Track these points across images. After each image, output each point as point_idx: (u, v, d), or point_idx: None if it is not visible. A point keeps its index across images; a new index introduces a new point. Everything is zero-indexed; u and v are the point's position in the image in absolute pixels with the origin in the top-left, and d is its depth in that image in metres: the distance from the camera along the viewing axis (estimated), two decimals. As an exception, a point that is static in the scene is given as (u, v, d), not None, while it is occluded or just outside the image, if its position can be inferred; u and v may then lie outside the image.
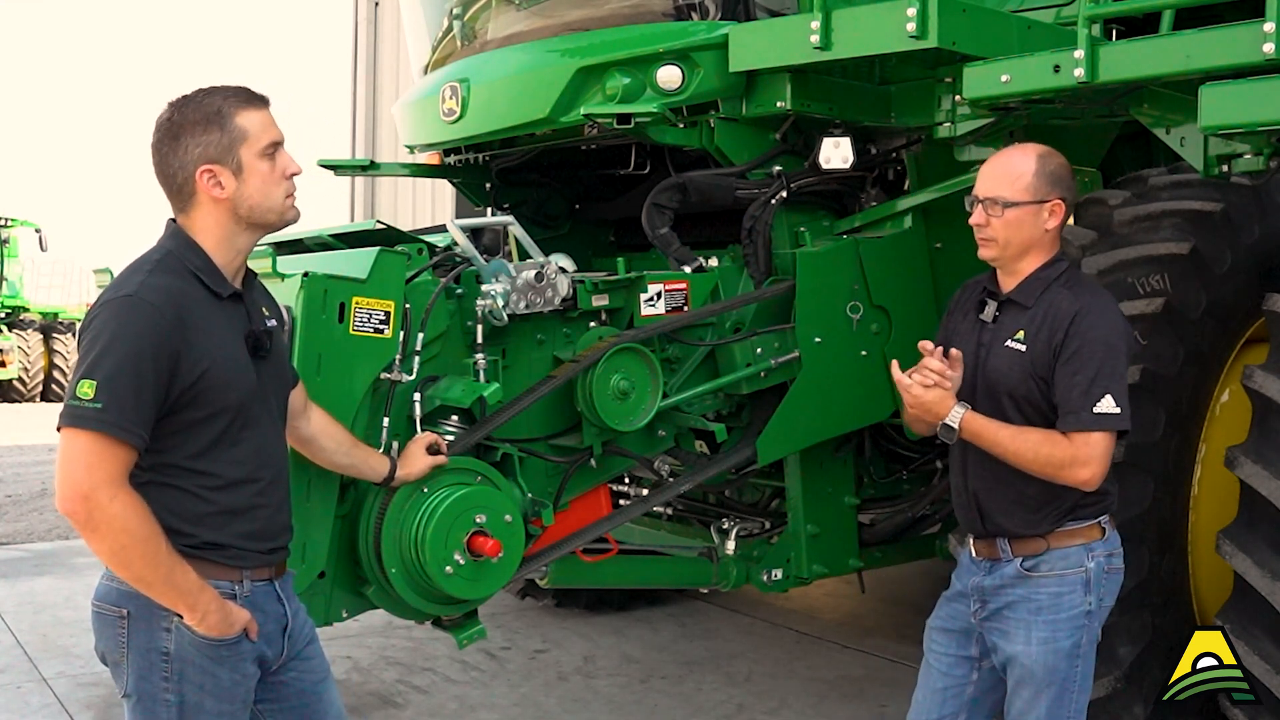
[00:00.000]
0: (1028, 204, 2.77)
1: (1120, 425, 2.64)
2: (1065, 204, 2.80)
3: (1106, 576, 2.78)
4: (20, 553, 7.89)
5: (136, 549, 2.14)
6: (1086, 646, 2.75)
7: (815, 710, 4.76)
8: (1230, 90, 2.96)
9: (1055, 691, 2.75)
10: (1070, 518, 2.75)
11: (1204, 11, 3.29)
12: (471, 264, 3.37)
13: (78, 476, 2.10)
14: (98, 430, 2.09)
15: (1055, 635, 2.73)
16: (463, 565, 3.04)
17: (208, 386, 2.21)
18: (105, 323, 2.15)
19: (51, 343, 20.97)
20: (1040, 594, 2.75)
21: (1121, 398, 2.64)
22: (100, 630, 2.34)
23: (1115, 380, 2.65)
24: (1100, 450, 2.64)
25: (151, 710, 2.28)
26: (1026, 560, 2.77)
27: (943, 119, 3.91)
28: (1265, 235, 3.83)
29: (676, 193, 3.94)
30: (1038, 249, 2.80)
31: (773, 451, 3.87)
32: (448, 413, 3.26)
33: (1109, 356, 2.66)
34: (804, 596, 6.41)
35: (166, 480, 2.23)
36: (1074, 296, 2.74)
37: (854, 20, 3.52)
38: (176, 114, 2.29)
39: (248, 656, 2.34)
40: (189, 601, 2.21)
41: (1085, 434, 2.64)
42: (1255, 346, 3.84)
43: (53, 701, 4.87)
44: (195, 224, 2.31)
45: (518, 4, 4.40)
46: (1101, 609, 2.78)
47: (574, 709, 4.81)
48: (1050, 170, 2.81)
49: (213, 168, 2.27)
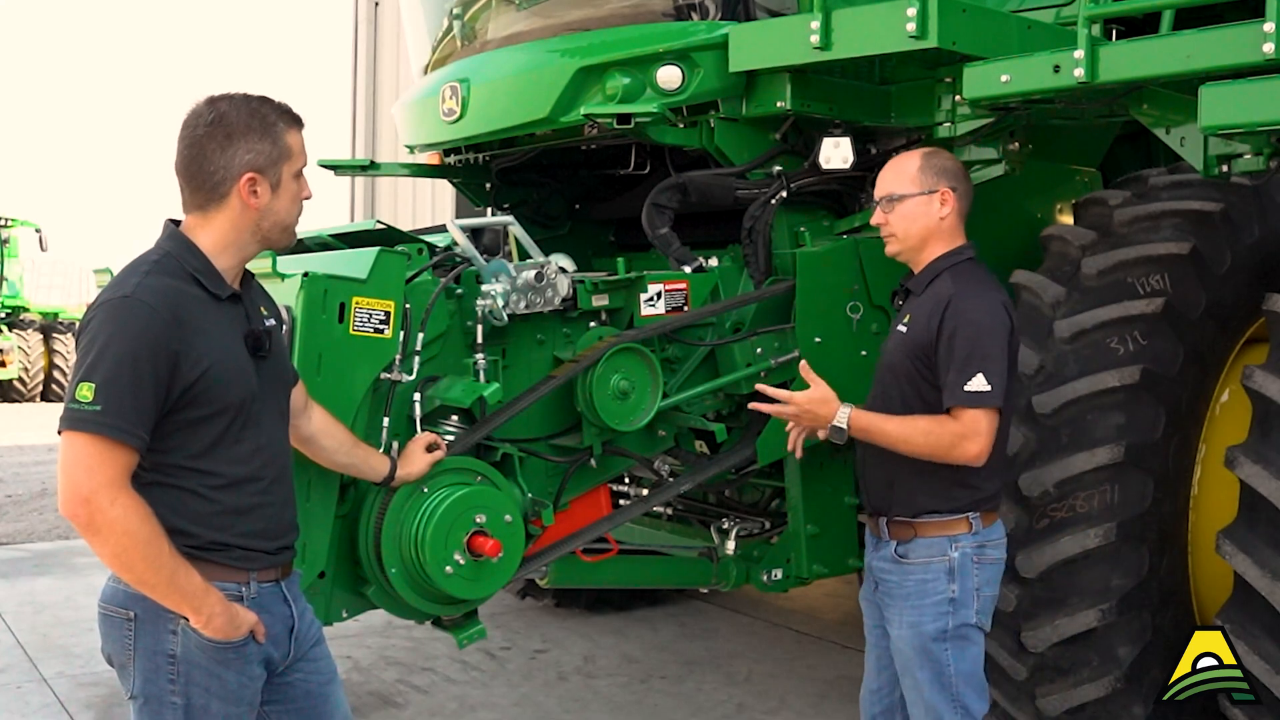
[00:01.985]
0: (916, 195, 2.98)
1: (989, 403, 2.79)
2: (955, 193, 2.98)
3: (977, 566, 2.92)
4: (20, 553, 7.89)
5: (138, 551, 2.14)
6: (954, 631, 2.89)
7: (815, 710, 4.76)
8: (1230, 90, 2.97)
9: (930, 675, 2.92)
10: (933, 511, 2.92)
11: (1204, 11, 3.29)
12: (471, 264, 3.37)
13: (78, 479, 2.10)
14: (97, 433, 2.09)
15: (920, 620, 2.92)
16: (463, 565, 3.04)
17: (208, 385, 2.20)
18: (102, 324, 2.15)
19: (51, 343, 20.98)
20: (909, 580, 2.95)
21: (994, 376, 2.79)
22: (106, 632, 2.34)
23: (988, 360, 2.80)
24: (980, 426, 2.79)
25: (158, 712, 2.28)
26: (900, 545, 2.97)
27: (943, 119, 3.91)
28: (1265, 235, 3.84)
29: (676, 193, 3.94)
30: (936, 239, 2.99)
31: (773, 451, 3.87)
32: (448, 413, 3.26)
33: (981, 337, 2.82)
34: (804, 596, 6.41)
35: (170, 480, 2.23)
36: (954, 282, 2.92)
37: (854, 20, 3.52)
38: (230, 115, 2.28)
39: (254, 659, 2.34)
40: (194, 604, 2.21)
41: (963, 410, 2.81)
42: (1255, 346, 3.85)
43: (53, 701, 4.87)
44: (211, 224, 2.30)
45: (518, 4, 4.40)
46: (972, 596, 2.91)
47: (574, 709, 4.81)
48: (936, 164, 3.00)
49: (256, 176, 2.28)
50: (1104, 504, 3.46)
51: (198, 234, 2.31)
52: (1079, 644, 3.49)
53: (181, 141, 2.31)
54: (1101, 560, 3.46)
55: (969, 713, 2.93)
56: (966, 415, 2.81)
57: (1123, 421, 3.48)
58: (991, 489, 2.96)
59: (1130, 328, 3.55)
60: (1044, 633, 3.49)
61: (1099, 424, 3.49)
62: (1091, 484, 3.46)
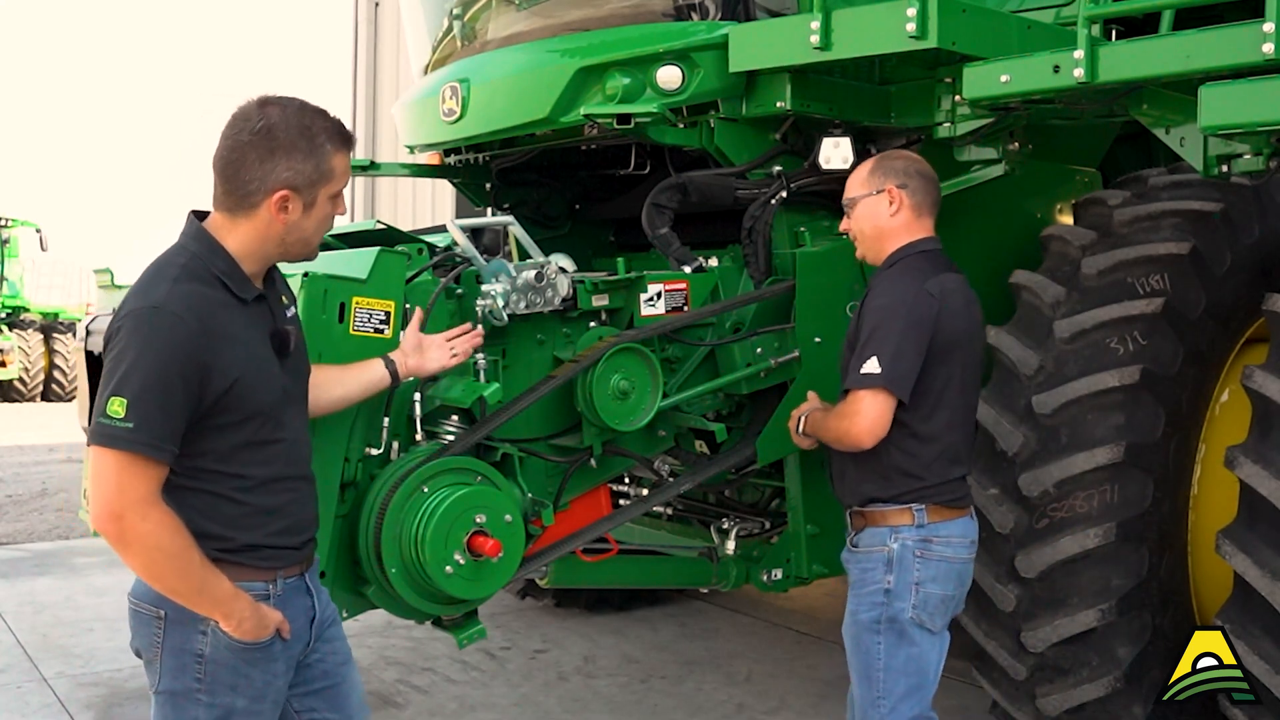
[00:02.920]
0: (865, 195, 3.05)
1: (873, 383, 2.81)
2: (904, 190, 3.01)
3: (918, 561, 2.89)
4: (20, 553, 7.89)
5: (169, 565, 2.16)
6: (887, 625, 2.90)
7: (815, 710, 4.76)
8: (1230, 90, 2.97)
9: (859, 664, 2.97)
10: (875, 498, 2.94)
11: (1204, 11, 3.29)
12: (471, 264, 3.37)
13: (110, 496, 2.11)
14: (129, 450, 2.09)
15: (858, 608, 2.97)
16: (463, 565, 3.04)
17: (239, 394, 2.20)
18: (131, 336, 2.13)
19: (52, 343, 20.98)
20: (854, 569, 3.01)
21: (887, 359, 2.81)
22: (136, 627, 2.34)
23: (884, 344, 2.83)
24: (863, 405, 2.84)
25: (182, 708, 2.29)
26: (855, 535, 3.02)
27: (943, 119, 3.91)
28: (1265, 235, 3.84)
29: (676, 193, 3.94)
30: (889, 238, 3.03)
31: (772, 451, 3.87)
32: (448, 413, 3.26)
33: (882, 321, 2.85)
34: (804, 596, 6.41)
35: (200, 485, 2.23)
36: (883, 274, 3.00)
37: (854, 20, 3.52)
38: (279, 127, 2.24)
39: (279, 656, 2.36)
40: (223, 610, 2.23)
41: (853, 392, 2.87)
42: (1255, 346, 3.85)
43: (53, 701, 4.87)
44: (237, 228, 2.27)
45: (518, 4, 4.40)
46: (909, 590, 2.89)
47: (574, 709, 4.81)
48: (884, 165, 3.06)
49: (290, 195, 2.25)
50: (1104, 504, 3.46)
51: (224, 236, 2.28)
52: (1079, 644, 3.49)
53: (224, 139, 2.27)
54: (1101, 560, 3.46)
55: (896, 711, 2.90)
56: (852, 395, 2.87)
57: (1122, 421, 3.48)
58: (934, 479, 2.92)
59: (1130, 328, 3.55)
60: (1044, 633, 3.49)
61: (1099, 424, 3.49)
62: (1091, 484, 3.46)
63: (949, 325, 2.89)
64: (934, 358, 2.87)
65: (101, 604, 6.41)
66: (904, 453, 2.90)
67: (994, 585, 3.57)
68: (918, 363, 2.85)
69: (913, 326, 2.84)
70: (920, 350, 2.85)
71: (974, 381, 3.05)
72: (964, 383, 2.96)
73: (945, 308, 2.89)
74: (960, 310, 2.94)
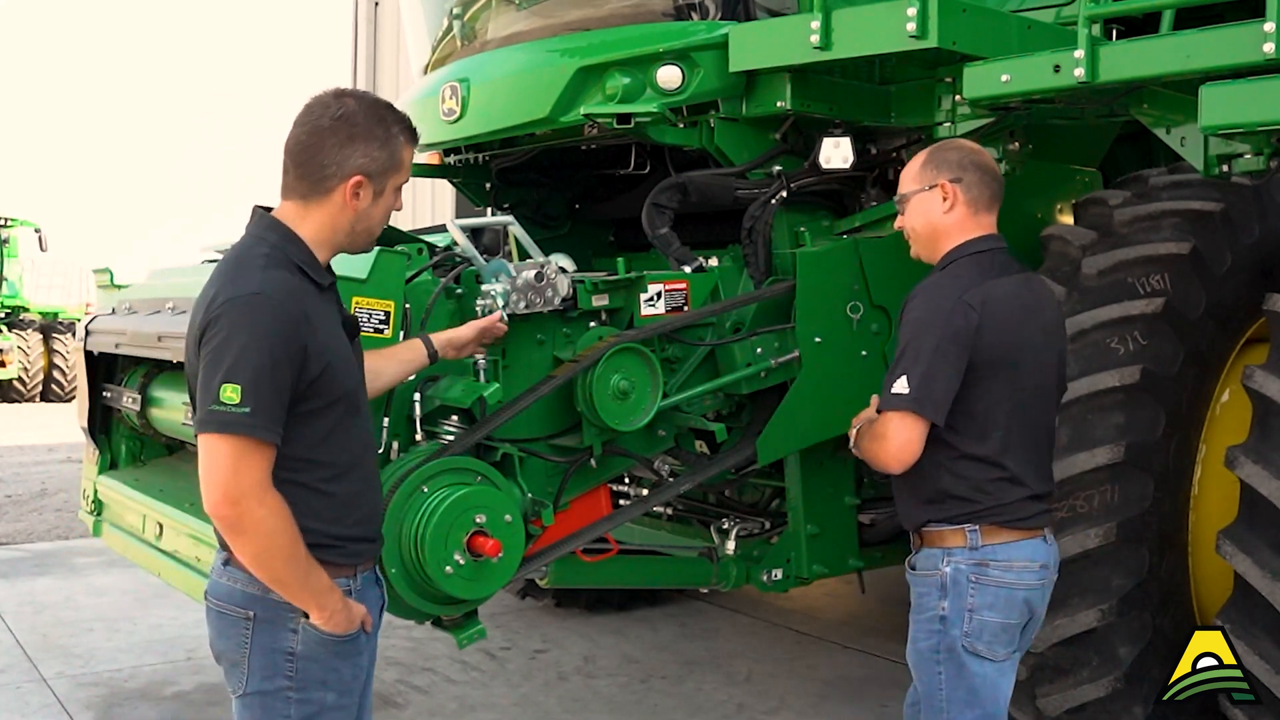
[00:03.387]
0: (917, 192, 2.81)
1: (900, 405, 2.61)
2: (959, 185, 2.77)
3: (972, 586, 2.68)
4: (20, 553, 7.89)
5: (281, 552, 2.17)
6: (945, 655, 2.69)
7: (815, 710, 4.76)
8: (1230, 90, 2.97)
9: (926, 694, 2.77)
10: (929, 518, 2.74)
11: (1204, 11, 3.30)
12: (471, 264, 3.37)
13: (227, 481, 2.11)
14: (247, 434, 2.11)
15: (917, 635, 2.77)
16: (463, 565, 3.04)
17: (330, 378, 2.23)
18: (236, 323, 2.14)
19: (51, 343, 20.98)
20: (912, 593, 2.81)
21: (916, 379, 2.60)
22: (221, 629, 2.33)
23: (916, 362, 2.62)
24: (890, 429, 2.64)
25: (271, 708, 2.29)
26: (912, 557, 2.83)
27: (943, 119, 3.92)
28: (1265, 235, 3.84)
29: (676, 193, 3.94)
30: (944, 236, 2.81)
31: (773, 451, 3.87)
32: (448, 413, 3.26)
33: (915, 338, 2.65)
34: (804, 596, 6.41)
35: (291, 476, 2.23)
36: (926, 281, 2.77)
37: (854, 20, 3.52)
38: (358, 115, 2.29)
39: (364, 649, 2.38)
40: (320, 601, 2.24)
41: (883, 414, 2.67)
42: (1255, 346, 3.85)
43: (53, 701, 4.87)
44: (309, 216, 2.30)
45: (518, 4, 4.40)
46: (963, 616, 2.68)
47: (574, 709, 4.81)
48: (938, 157, 2.82)
49: (364, 181, 2.29)
50: (1104, 504, 3.46)
51: (298, 226, 2.31)
52: (1079, 644, 3.49)
53: (300, 127, 2.30)
54: (1101, 560, 3.46)
55: None
56: (882, 417, 2.68)
57: (1123, 421, 3.48)
58: (990, 502, 2.68)
59: (1130, 328, 3.55)
60: (1044, 633, 3.49)
61: (1099, 424, 3.49)
62: (1091, 484, 3.46)
63: (991, 340, 2.65)
64: (976, 375, 2.64)
65: (101, 604, 6.41)
66: (956, 476, 2.68)
67: (994, 585, 3.57)
68: (955, 382, 2.62)
69: (948, 342, 2.62)
70: (958, 368, 2.62)
71: (1037, 397, 2.77)
72: (1019, 401, 2.70)
73: (987, 320, 2.64)
74: (1008, 322, 2.69)
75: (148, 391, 4.16)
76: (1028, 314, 2.75)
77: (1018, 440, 2.71)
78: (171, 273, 4.39)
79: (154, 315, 3.85)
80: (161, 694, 4.97)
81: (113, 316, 4.26)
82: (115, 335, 4.10)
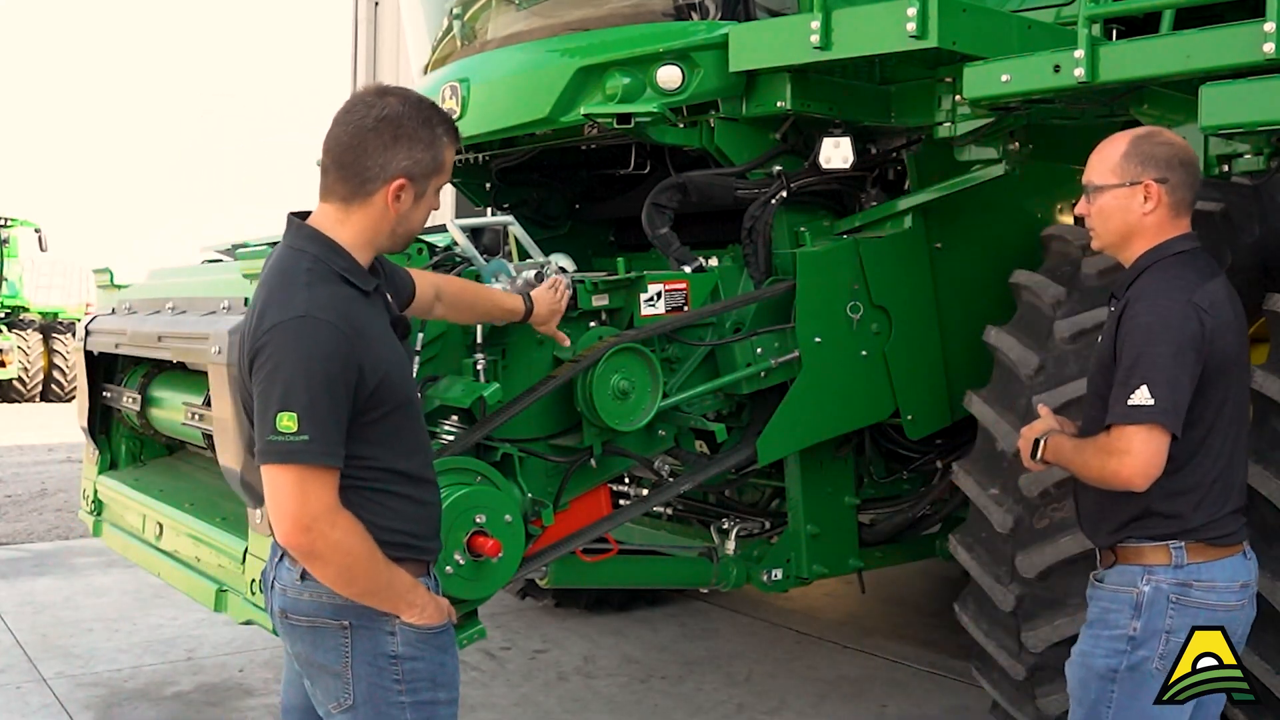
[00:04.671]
0: (1115, 187, 2.59)
1: (1147, 419, 2.43)
2: (1164, 185, 2.56)
3: (1173, 608, 2.53)
4: (20, 553, 7.89)
5: (361, 568, 2.16)
6: (1125, 674, 2.56)
7: (815, 710, 4.76)
8: (1230, 90, 2.97)
9: (1084, 713, 2.65)
10: (1129, 535, 2.59)
11: (1204, 11, 3.30)
12: (471, 264, 3.37)
13: (296, 511, 2.09)
14: (310, 463, 2.08)
15: (1092, 650, 2.62)
16: (463, 565, 3.04)
17: (390, 386, 2.21)
18: (286, 348, 2.10)
19: (51, 343, 20.98)
20: (1095, 607, 2.65)
21: (1161, 389, 2.43)
22: (316, 643, 2.28)
23: (1155, 370, 2.44)
24: (1135, 444, 2.45)
25: (384, 713, 2.27)
26: (1098, 572, 2.67)
27: (943, 119, 3.92)
28: (1265, 235, 3.83)
29: (676, 193, 3.94)
30: (1140, 237, 2.61)
31: (773, 451, 3.87)
32: (448, 413, 3.26)
33: (1150, 344, 2.47)
34: (804, 596, 6.41)
35: (365, 483, 2.22)
36: (1143, 283, 2.56)
37: (854, 20, 3.52)
38: (403, 116, 2.24)
39: (454, 640, 2.41)
40: (408, 599, 2.24)
41: (1120, 428, 2.48)
42: (1255, 346, 3.84)
43: (52, 701, 4.86)
44: (350, 219, 2.25)
45: (518, 4, 4.40)
46: (1158, 639, 2.55)
47: (574, 709, 4.81)
48: (1143, 150, 2.58)
49: (407, 184, 2.25)
50: (1105, 504, 3.44)
51: (336, 229, 2.25)
52: (1079, 644, 3.48)
53: (342, 126, 2.24)
54: (1102, 560, 3.45)
55: None
56: (1119, 431, 2.47)
57: (1123, 421, 3.47)
58: (1200, 519, 2.54)
59: (1131, 328, 3.53)
60: (1044, 633, 3.49)
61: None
62: (1092, 484, 3.45)
63: (1222, 344, 2.52)
64: (1205, 382, 2.50)
65: (101, 604, 6.41)
66: (1167, 492, 2.52)
67: (994, 585, 3.57)
68: (1191, 391, 2.48)
69: (1185, 349, 2.46)
70: (1193, 376, 2.48)
71: (1245, 400, 2.66)
72: (1238, 405, 2.60)
73: (1218, 324, 2.51)
74: (1232, 324, 2.57)
75: (148, 391, 4.17)
76: (1240, 316, 2.63)
77: (1231, 449, 2.59)
78: (171, 273, 4.39)
79: (154, 315, 3.85)
80: (161, 694, 4.97)
81: (113, 316, 4.26)
82: (115, 335, 4.10)
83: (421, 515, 2.33)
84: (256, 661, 5.37)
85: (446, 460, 3.11)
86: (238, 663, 5.35)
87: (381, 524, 2.22)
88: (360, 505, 2.19)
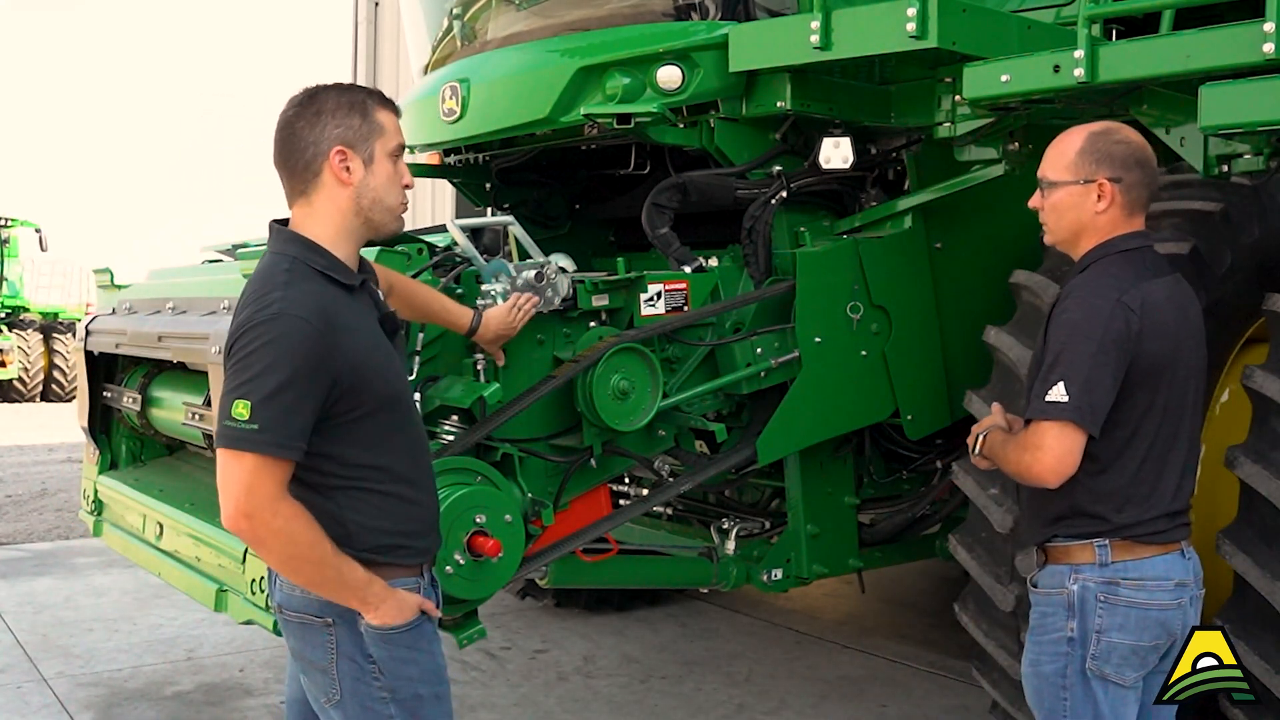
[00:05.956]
0: (1069, 184, 2.57)
1: (1060, 415, 2.41)
2: (1118, 185, 2.53)
3: (1101, 606, 2.50)
4: (20, 553, 7.89)
5: (305, 556, 2.17)
6: (1073, 678, 2.53)
7: (815, 710, 4.76)
8: (1230, 90, 2.96)
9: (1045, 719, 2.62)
10: (1055, 533, 2.57)
11: (1204, 11, 3.29)
12: (471, 264, 3.37)
13: (239, 496, 2.13)
14: (255, 451, 2.11)
15: (1039, 658, 2.59)
16: (463, 565, 3.04)
17: (368, 380, 2.22)
18: (254, 341, 2.13)
19: (51, 343, 21.00)
20: (1034, 612, 2.63)
21: (1076, 386, 2.41)
22: (305, 638, 2.32)
23: (1073, 367, 2.43)
24: (1047, 440, 2.43)
25: (370, 709, 2.29)
26: (1033, 575, 2.66)
27: (943, 119, 3.91)
28: (1265, 235, 3.83)
29: (676, 193, 3.94)
30: (1090, 234, 2.59)
31: (773, 451, 3.87)
32: (448, 413, 3.26)
33: (1073, 341, 2.45)
34: (804, 596, 6.41)
35: (351, 481, 2.24)
36: (1079, 279, 2.55)
37: (854, 20, 3.52)
38: (322, 95, 2.28)
39: (438, 635, 2.39)
40: (361, 596, 2.23)
41: (1036, 423, 2.46)
42: (1255, 346, 3.84)
43: (53, 701, 4.87)
44: (315, 211, 2.28)
45: (518, 4, 4.40)
46: (1093, 641, 2.51)
47: (574, 709, 4.81)
48: (1099, 147, 2.55)
49: (347, 150, 2.26)
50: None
51: (309, 227, 2.28)
52: (1079, 644, 3.48)
53: (276, 130, 2.30)
54: (1101, 560, 3.45)
55: None
56: (1035, 427, 2.46)
57: (1123, 421, 3.47)
58: (1126, 519, 2.50)
59: (1130, 328, 3.53)
60: (1044, 633, 3.49)
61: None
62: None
63: (1151, 347, 2.47)
64: (1132, 384, 2.47)
65: (101, 604, 6.41)
66: (1091, 491, 2.51)
67: (994, 585, 3.57)
68: (1113, 391, 2.45)
69: (1108, 348, 2.43)
70: (1116, 377, 2.45)
71: (1184, 404, 2.57)
72: (1172, 410, 2.53)
73: (1148, 325, 2.47)
74: (1167, 326, 2.50)
75: (148, 391, 4.17)
76: (1182, 319, 2.56)
77: (1161, 453, 2.54)
78: (171, 273, 4.39)
79: (154, 315, 3.86)
80: (161, 694, 4.97)
81: (113, 316, 4.27)
82: (115, 335, 4.11)
83: (412, 514, 2.33)
84: (257, 661, 5.37)
85: (446, 460, 3.12)
86: (238, 662, 5.35)
87: (367, 523, 2.24)
88: (344, 503, 2.21)
